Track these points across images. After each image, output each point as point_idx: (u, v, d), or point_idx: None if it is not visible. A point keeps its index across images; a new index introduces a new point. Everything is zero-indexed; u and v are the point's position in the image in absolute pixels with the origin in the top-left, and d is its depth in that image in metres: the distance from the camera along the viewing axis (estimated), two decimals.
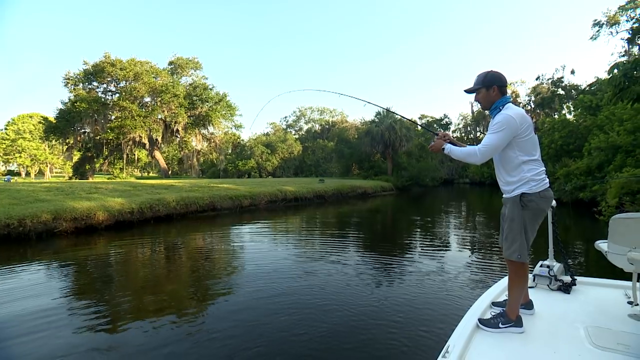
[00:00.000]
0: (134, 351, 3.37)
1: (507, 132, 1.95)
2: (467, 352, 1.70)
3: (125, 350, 3.38)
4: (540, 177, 1.99)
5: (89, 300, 4.80)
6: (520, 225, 2.00)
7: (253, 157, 42.31)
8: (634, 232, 2.00)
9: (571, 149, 19.03)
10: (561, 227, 10.53)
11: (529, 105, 41.93)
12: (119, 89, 30.90)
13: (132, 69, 29.48)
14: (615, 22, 28.37)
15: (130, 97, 29.70)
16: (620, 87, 7.73)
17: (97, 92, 30.98)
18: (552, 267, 2.63)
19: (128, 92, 29.70)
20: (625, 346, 1.68)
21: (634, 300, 2.12)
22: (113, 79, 30.16)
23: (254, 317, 4.11)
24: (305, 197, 19.61)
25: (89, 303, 4.66)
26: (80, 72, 30.37)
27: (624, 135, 13.15)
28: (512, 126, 1.95)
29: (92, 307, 4.49)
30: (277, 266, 6.39)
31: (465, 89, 2.23)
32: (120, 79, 29.80)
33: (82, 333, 3.74)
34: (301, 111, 56.88)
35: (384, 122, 34.18)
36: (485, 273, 5.84)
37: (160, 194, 13.91)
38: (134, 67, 29.77)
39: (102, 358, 3.28)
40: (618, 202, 9.27)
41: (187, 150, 36.01)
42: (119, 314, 4.31)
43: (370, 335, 3.65)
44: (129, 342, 3.54)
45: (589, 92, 24.33)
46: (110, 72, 29.12)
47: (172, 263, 7.04)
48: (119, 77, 29.55)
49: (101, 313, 4.31)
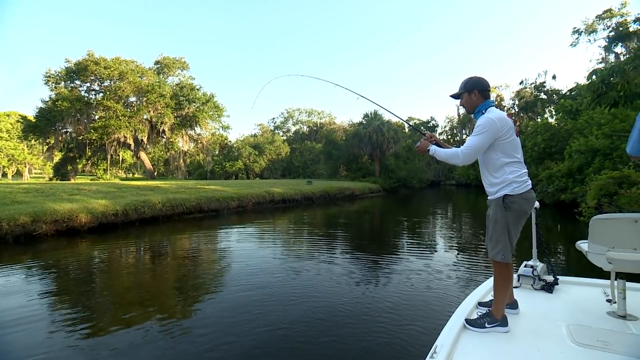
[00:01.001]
0: (117, 352, 3.29)
1: (488, 134, 2.01)
2: (454, 352, 1.72)
3: (107, 352, 3.30)
4: (522, 178, 2.04)
5: (68, 302, 4.68)
6: (503, 227, 2.04)
7: (240, 159, 41.98)
8: (612, 232, 2.06)
9: (553, 152, 19.54)
10: (544, 228, 10.80)
11: (513, 109, 42.91)
12: (103, 88, 30.19)
13: (117, 68, 28.85)
14: (593, 30, 29.41)
15: (114, 96, 29.05)
16: (598, 92, 7.98)
17: (79, 90, 30.16)
18: (536, 267, 2.69)
19: (112, 91, 29.04)
20: (605, 343, 1.74)
21: (612, 298, 2.19)
22: (97, 78, 29.44)
23: (241, 317, 4.07)
24: (293, 198, 19.55)
25: (69, 305, 4.54)
26: (62, 70, 29.53)
27: (602, 139, 13.59)
28: (493, 129, 2.01)
29: (72, 309, 4.37)
30: (264, 267, 6.36)
31: (450, 95, 2.32)
32: (104, 77, 29.10)
33: (60, 334, 3.63)
34: (289, 112, 56.79)
35: (371, 124, 34.43)
36: (472, 273, 5.94)
37: (145, 195, 13.65)
38: (119, 66, 29.13)
39: (84, 358, 3.19)
40: (597, 203, 9.55)
41: (173, 151, 35.45)
42: (101, 315, 4.21)
43: (359, 336, 3.66)
44: (111, 343, 3.46)
45: (570, 97, 25.10)
46: (93, 70, 28.41)
47: (157, 265, 6.92)
48: (103, 76, 28.86)
49: (82, 315, 4.20)
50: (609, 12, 28.39)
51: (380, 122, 34.35)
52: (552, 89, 38.11)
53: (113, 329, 3.81)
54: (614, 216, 2.11)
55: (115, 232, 10.16)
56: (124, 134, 28.75)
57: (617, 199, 8.84)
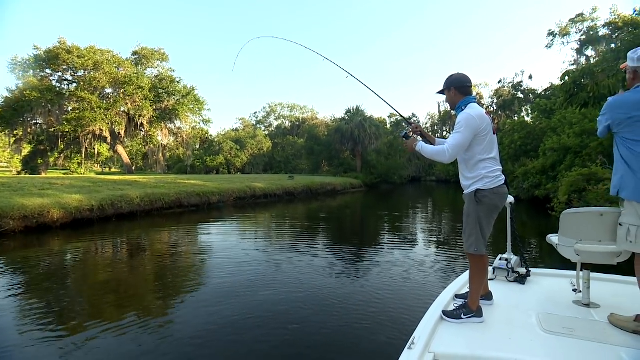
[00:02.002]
0: (93, 350, 3.21)
1: (469, 130, 2.07)
2: (431, 342, 1.78)
3: (82, 351, 3.21)
4: (494, 174, 2.10)
5: (39, 300, 4.51)
6: (475, 220, 2.11)
7: (222, 153, 41.31)
8: (580, 226, 2.18)
9: (529, 150, 20.22)
10: (519, 222, 11.20)
11: (491, 107, 44.08)
12: (76, 78, 28.85)
13: (92, 58, 27.58)
14: (566, 33, 30.54)
15: (89, 87, 27.83)
16: (570, 93, 8.33)
17: (50, 80, 28.73)
18: (510, 260, 2.80)
19: (87, 82, 27.81)
20: (570, 329, 1.84)
21: (578, 288, 2.32)
22: (69, 67, 28.08)
23: (221, 311, 4.05)
24: (275, 193, 19.48)
25: (39, 303, 4.38)
26: (31, 57, 27.93)
27: (573, 138, 14.19)
28: (472, 125, 2.07)
29: (43, 308, 4.22)
30: (245, 262, 6.33)
31: (437, 92, 2.39)
32: (77, 67, 27.79)
33: (30, 335, 3.50)
34: (271, 107, 56.21)
35: (354, 119, 34.60)
36: (450, 267, 6.11)
37: (123, 190, 13.26)
38: (94, 56, 27.86)
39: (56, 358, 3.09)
40: (567, 199, 10.00)
41: (152, 145, 34.42)
42: (75, 313, 4.09)
43: (339, 329, 3.72)
44: (86, 342, 3.36)
45: (545, 97, 26.00)
46: (66, 59, 27.06)
47: (135, 261, 6.76)
48: (77, 66, 27.56)
49: (53, 313, 4.07)
50: (581, 17, 29.55)
51: (362, 118, 34.57)
52: (528, 89, 39.32)
53: (88, 327, 3.71)
54: (581, 210, 2.22)
55: (90, 228, 9.84)
56: (99, 127, 27.65)
57: (585, 195, 9.28)
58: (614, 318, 1.92)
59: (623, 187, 1.87)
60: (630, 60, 1.94)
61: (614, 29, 26.86)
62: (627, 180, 1.86)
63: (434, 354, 1.67)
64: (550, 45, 31.95)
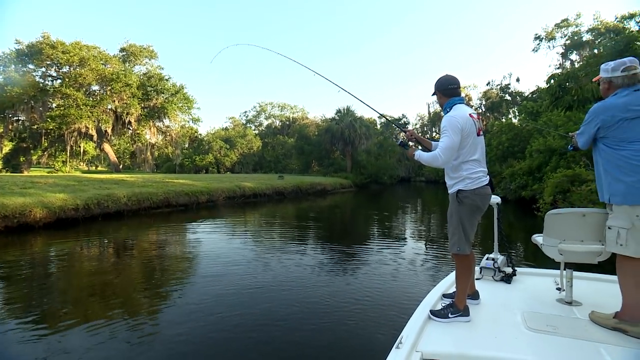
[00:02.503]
0: (79, 351, 3.14)
1: (453, 131, 2.08)
2: (419, 341, 1.80)
3: (67, 353, 3.14)
4: (476, 175, 2.13)
5: (20, 301, 4.39)
6: (457, 220, 2.15)
7: (211, 152, 40.93)
8: (564, 226, 2.23)
9: (516, 151, 20.59)
10: (506, 223, 11.37)
11: (480, 109, 44.77)
12: (61, 74, 28.16)
13: (77, 54, 26.94)
14: (552, 38, 31.26)
15: (75, 84, 27.19)
16: (555, 96, 8.54)
17: (33, 76, 27.97)
18: (497, 260, 2.85)
19: (72, 78, 27.17)
20: (553, 327, 1.89)
21: (561, 287, 2.37)
22: (54, 63, 27.37)
23: (210, 311, 4.02)
24: (265, 193, 19.40)
25: (21, 304, 4.26)
26: (12, 52, 27.14)
27: (558, 140, 14.50)
28: (455, 126, 2.08)
29: (25, 309, 4.11)
30: (234, 261, 6.28)
31: (431, 94, 2.40)
32: (62, 63, 27.11)
33: (10, 336, 3.40)
34: (261, 106, 55.94)
35: (344, 119, 34.70)
36: (438, 266, 6.18)
37: (109, 189, 13.02)
38: (79, 52, 27.21)
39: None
40: (552, 200, 10.22)
41: (140, 144, 33.83)
42: (59, 314, 4.00)
43: (327, 327, 3.73)
44: (71, 344, 3.29)
45: (531, 99, 26.56)
46: (50, 54, 26.35)
47: (122, 261, 6.64)
48: (61, 62, 26.88)
49: (36, 314, 3.97)
50: (566, 22, 30.29)
51: (352, 118, 34.69)
52: (516, 91, 40.10)
53: (72, 328, 3.63)
54: (565, 211, 2.28)
55: (75, 228, 9.63)
56: (85, 124, 27.04)
57: (570, 196, 9.49)
58: (594, 315, 1.97)
59: (613, 194, 1.91)
60: (603, 72, 2.03)
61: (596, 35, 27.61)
62: (615, 186, 1.90)
63: (421, 353, 1.69)
64: (536, 49, 32.69)
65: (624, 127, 1.88)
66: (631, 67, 1.93)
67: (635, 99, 1.89)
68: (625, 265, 1.90)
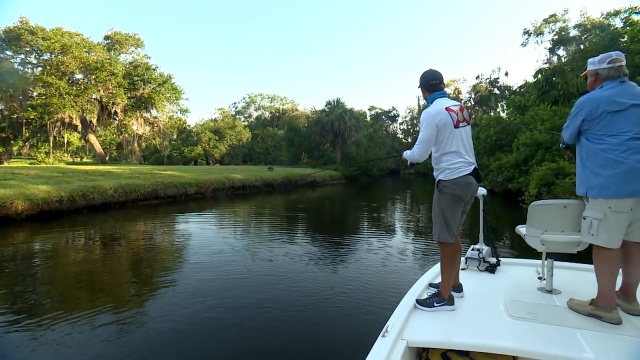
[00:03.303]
0: (66, 347, 3.11)
1: (428, 126, 2.17)
2: (404, 330, 1.83)
3: (53, 348, 3.10)
4: (455, 166, 2.18)
5: (1, 297, 4.30)
6: (438, 209, 2.22)
7: (200, 144, 40.39)
8: (546, 217, 2.29)
9: (504, 144, 20.87)
10: (493, 215, 11.62)
11: (469, 102, 45.19)
12: (42, 61, 27.15)
13: (59, 40, 25.94)
14: (540, 33, 31.60)
15: (57, 72, 26.27)
16: (542, 90, 8.68)
17: (12, 63, 26.93)
18: (482, 251, 2.92)
19: (54, 66, 26.23)
20: (534, 314, 1.96)
21: (542, 276, 2.45)
22: (34, 50, 26.36)
23: (199, 305, 4.01)
24: (254, 185, 19.32)
25: (2, 300, 4.18)
26: None
27: (544, 134, 14.77)
28: (430, 121, 2.16)
29: (7, 304, 4.03)
30: (223, 254, 6.26)
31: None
32: (43, 50, 26.09)
33: None
34: (251, 97, 55.30)
35: (334, 111, 34.62)
36: (426, 257, 6.28)
37: (95, 180, 12.77)
38: (61, 38, 26.20)
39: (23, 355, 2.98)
40: (537, 192, 10.45)
41: (127, 135, 33.10)
42: (44, 309, 3.93)
43: (315, 317, 3.78)
44: (56, 339, 3.25)
45: (519, 93, 26.86)
46: (29, 40, 25.30)
47: (109, 254, 6.55)
48: (42, 48, 25.86)
49: (19, 309, 3.90)
50: (554, 17, 30.63)
51: (342, 110, 34.64)
52: (504, 85, 40.53)
53: (57, 322, 3.58)
54: (547, 202, 2.34)
55: (60, 220, 9.44)
56: (69, 114, 26.28)
57: (554, 188, 9.72)
58: (572, 302, 2.05)
59: (591, 187, 1.97)
60: (591, 65, 2.08)
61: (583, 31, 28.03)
62: (593, 179, 1.96)
63: (406, 341, 1.73)
64: (525, 44, 33.03)
65: (606, 120, 1.92)
66: (617, 59, 1.98)
67: (620, 90, 1.93)
68: (600, 255, 1.97)
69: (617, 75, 1.98)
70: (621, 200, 1.86)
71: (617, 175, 1.86)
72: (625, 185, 1.84)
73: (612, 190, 1.87)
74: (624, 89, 1.94)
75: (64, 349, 3.11)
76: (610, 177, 1.88)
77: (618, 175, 1.85)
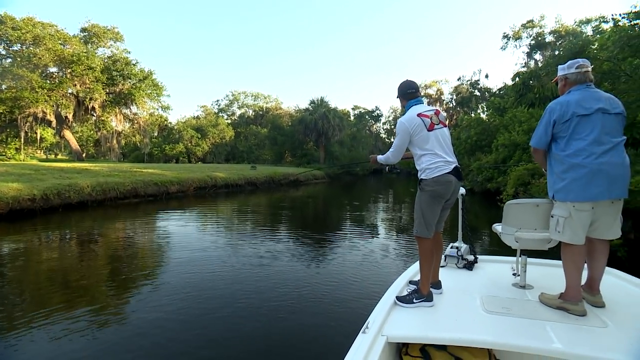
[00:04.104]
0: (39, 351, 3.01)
1: (401, 134, 2.35)
2: (384, 326, 1.88)
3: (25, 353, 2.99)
4: (434, 165, 2.29)
5: None
6: (419, 206, 2.33)
7: (182, 142, 39.68)
8: (519, 215, 2.39)
9: (484, 145, 21.37)
10: (472, 214, 11.93)
11: (451, 103, 46.14)
12: (11, 52, 25.87)
13: (30, 31, 24.68)
14: (518, 37, 32.56)
15: (28, 64, 25.01)
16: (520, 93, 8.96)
17: None
18: (460, 249, 3.01)
19: (25, 57, 24.99)
20: (507, 309, 2.05)
21: (516, 272, 2.55)
22: (2, 40, 25.08)
23: (180, 305, 3.95)
24: (237, 183, 19.14)
25: None
26: None
27: (522, 135, 15.25)
28: (403, 129, 2.34)
29: None
30: (205, 253, 6.18)
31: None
32: (12, 40, 24.75)
33: None
34: (234, 95, 54.68)
35: (317, 110, 34.65)
36: (407, 254, 6.38)
37: (71, 178, 12.34)
38: (33, 29, 24.93)
39: None
40: (514, 192, 10.78)
41: (105, 131, 31.97)
42: (15, 313, 3.78)
43: (297, 314, 3.80)
44: (30, 344, 3.14)
45: (498, 96, 27.60)
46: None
47: (85, 255, 6.35)
48: (11, 39, 24.53)
49: None
50: (531, 23, 31.64)
51: (326, 109, 34.72)
52: (484, 87, 41.58)
53: (31, 325, 3.46)
54: (521, 201, 2.44)
55: (32, 220, 9.08)
56: (42, 109, 25.17)
57: (530, 188, 10.05)
58: (543, 297, 2.17)
59: (557, 190, 2.10)
60: (560, 70, 2.22)
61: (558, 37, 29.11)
62: (558, 183, 2.09)
63: (386, 337, 1.77)
64: (504, 47, 33.92)
65: (575, 123, 2.02)
66: (583, 65, 2.12)
67: (586, 95, 2.05)
68: (566, 251, 2.09)
69: (584, 80, 2.10)
70: (583, 202, 1.99)
71: (579, 180, 1.98)
72: (585, 189, 1.96)
73: (574, 194, 2.00)
74: (590, 94, 2.06)
75: (39, 351, 3.01)
76: (573, 181, 2.00)
77: (580, 179, 1.98)
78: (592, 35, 13.39)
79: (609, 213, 2.04)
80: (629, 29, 7.04)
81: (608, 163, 1.94)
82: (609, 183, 1.94)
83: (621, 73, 7.10)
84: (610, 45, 7.66)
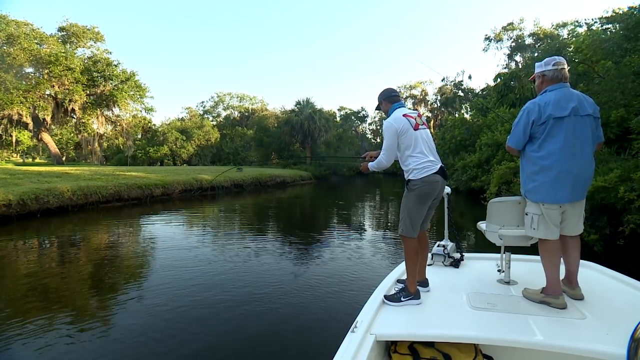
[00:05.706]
0: None
1: (390, 135, 2.35)
2: (373, 324, 1.90)
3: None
4: (421, 166, 2.32)
5: None
6: (405, 205, 2.36)
7: (166, 144, 38.94)
8: (502, 213, 2.45)
9: (468, 144, 21.72)
10: (457, 212, 12.14)
11: (435, 104, 46.81)
12: None
13: (4, 29, 23.78)
14: (500, 39, 33.36)
15: (2, 64, 24.13)
16: (501, 93, 9.19)
17: None
18: (447, 247, 3.06)
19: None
20: (492, 304, 2.11)
21: (501, 268, 2.61)
22: None
23: (165, 309, 3.88)
24: (223, 186, 18.94)
25: None
26: None
27: (504, 134, 15.59)
28: (391, 129, 2.35)
29: None
30: (191, 256, 6.09)
31: (375, 109, 2.74)
32: None
33: None
34: (219, 97, 54.07)
35: (303, 111, 34.62)
36: (395, 254, 6.45)
37: (50, 182, 11.97)
38: (6, 27, 24.00)
39: None
40: (497, 190, 11.02)
41: (86, 134, 31.03)
42: None
43: (286, 315, 3.79)
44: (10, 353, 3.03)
45: (481, 96, 28.18)
46: None
47: (65, 262, 6.16)
48: None
49: None
50: (511, 26, 32.47)
51: (312, 110, 34.72)
52: (468, 88, 42.32)
53: (8, 333, 3.33)
54: (503, 199, 2.51)
55: (7, 227, 8.76)
56: (17, 111, 24.25)
57: (512, 187, 10.30)
58: (526, 292, 2.24)
59: (528, 190, 2.21)
60: (537, 67, 2.28)
61: (536, 39, 29.97)
62: (529, 184, 2.19)
63: (375, 335, 1.78)
64: (486, 49, 34.64)
65: (549, 127, 2.08)
66: (560, 62, 2.18)
67: (562, 95, 2.10)
68: (543, 247, 2.18)
69: (560, 77, 2.16)
70: (551, 203, 2.09)
71: (547, 183, 2.07)
72: (552, 192, 2.06)
73: (543, 195, 2.10)
74: (565, 93, 2.11)
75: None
76: (542, 184, 2.10)
77: (548, 182, 2.07)
78: (568, 38, 13.86)
79: (574, 212, 2.15)
80: (601, 33, 7.34)
81: (576, 166, 2.03)
82: (572, 187, 2.05)
83: (594, 75, 7.38)
84: (585, 49, 7.96)
